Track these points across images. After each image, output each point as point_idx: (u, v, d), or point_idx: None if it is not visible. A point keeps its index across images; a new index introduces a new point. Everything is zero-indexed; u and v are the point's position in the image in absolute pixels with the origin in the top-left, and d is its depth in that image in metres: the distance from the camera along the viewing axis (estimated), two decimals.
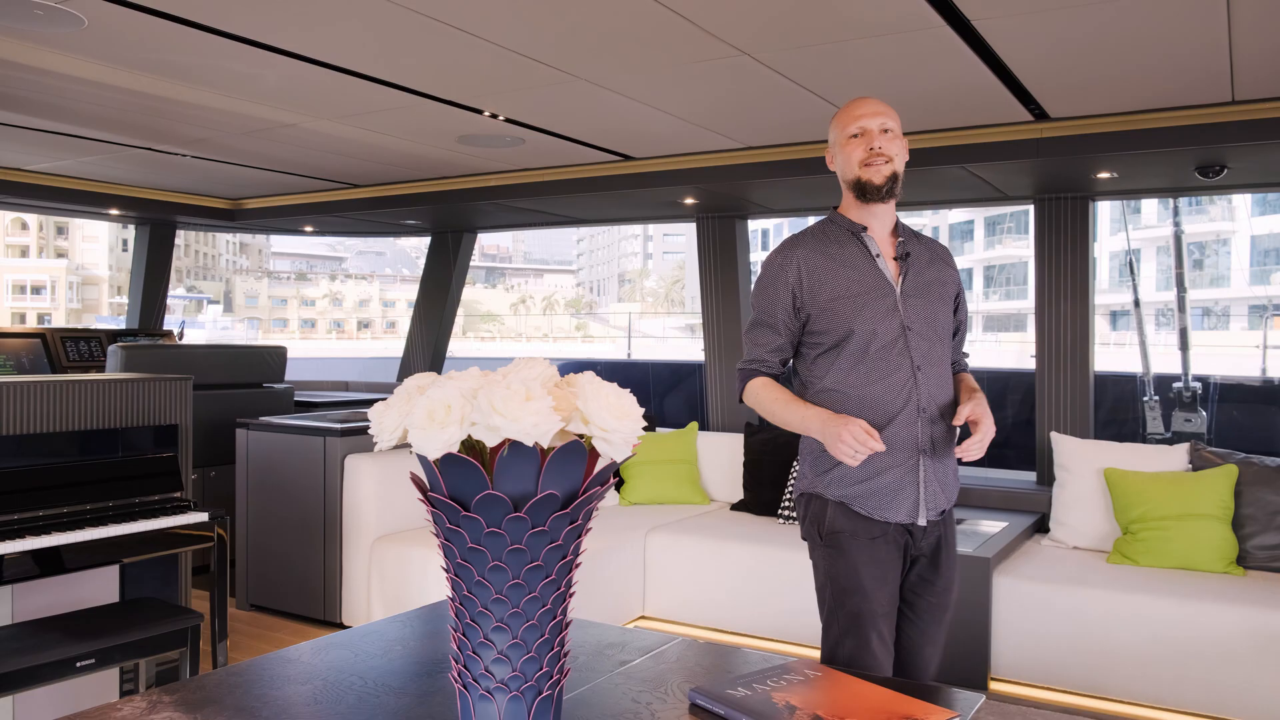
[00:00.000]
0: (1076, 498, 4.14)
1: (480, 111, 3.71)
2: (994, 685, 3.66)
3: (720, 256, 5.50)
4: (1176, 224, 5.90)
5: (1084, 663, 3.54)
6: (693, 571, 4.33)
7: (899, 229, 2.35)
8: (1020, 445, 5.47)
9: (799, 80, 3.19)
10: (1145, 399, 5.51)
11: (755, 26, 2.69)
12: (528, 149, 4.36)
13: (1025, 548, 4.11)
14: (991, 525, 4.23)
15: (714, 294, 5.54)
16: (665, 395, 7.14)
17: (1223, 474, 3.83)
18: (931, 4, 2.47)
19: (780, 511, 4.62)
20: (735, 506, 4.91)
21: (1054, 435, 4.35)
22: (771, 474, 4.79)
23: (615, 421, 1.30)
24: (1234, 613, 3.36)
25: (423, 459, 1.25)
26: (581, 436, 1.30)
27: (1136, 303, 5.87)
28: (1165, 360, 5.77)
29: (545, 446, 1.25)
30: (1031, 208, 4.67)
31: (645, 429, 5.09)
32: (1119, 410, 5.85)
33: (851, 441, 2.08)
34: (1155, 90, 3.26)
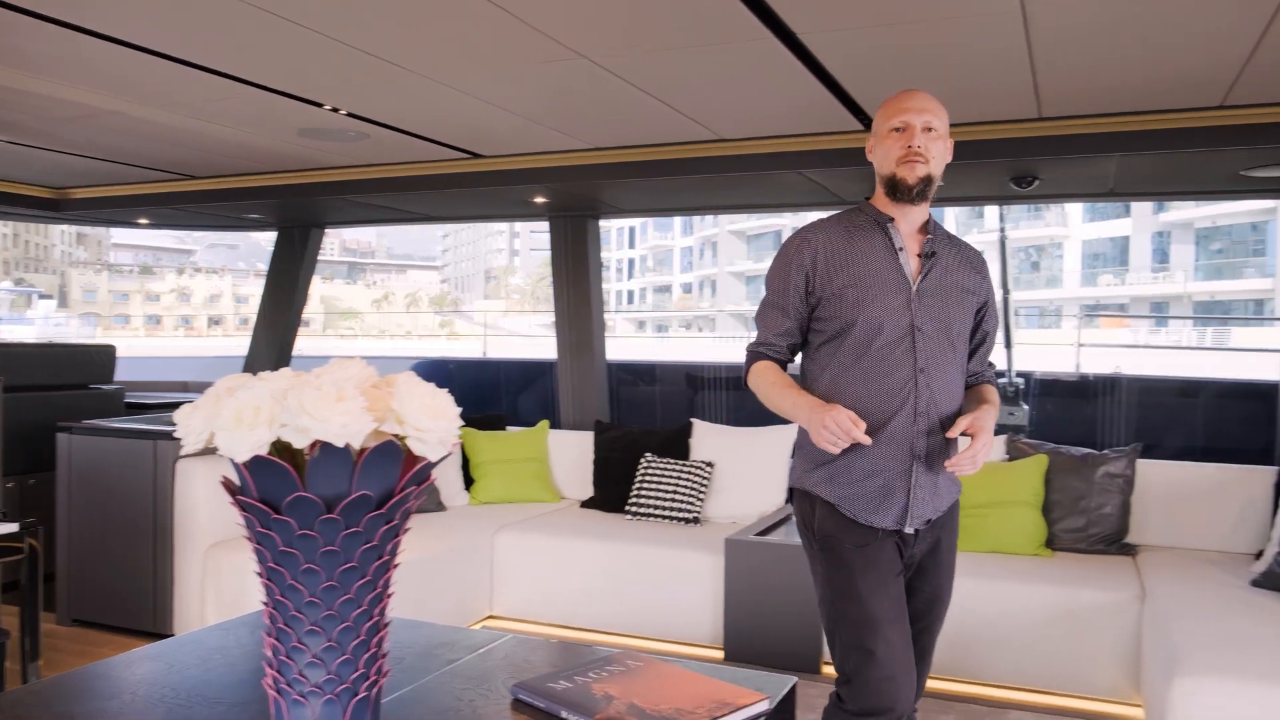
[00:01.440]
0: None
1: (320, 105, 3.63)
2: (826, 669, 3.83)
3: (572, 255, 5.53)
4: (1002, 230, 6.28)
5: None
6: (541, 569, 4.35)
7: (930, 227, 2.23)
8: None
9: (639, 85, 3.25)
10: None
11: (591, 31, 2.72)
12: (373, 144, 4.28)
13: None
14: None
15: (566, 292, 5.56)
16: (518, 394, 7.13)
17: (1034, 463, 4.12)
18: (760, 17, 2.56)
19: (628, 508, 4.69)
20: (585, 504, 4.96)
21: None
22: (621, 471, 4.86)
23: (430, 421, 1.31)
24: (1041, 591, 3.62)
25: (233, 462, 1.24)
26: (398, 437, 1.31)
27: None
28: (995, 357, 6.12)
29: (359, 447, 1.25)
30: None
31: (496, 428, 5.04)
32: None
33: (834, 428, 2.00)
34: (972, 106, 3.47)
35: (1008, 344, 5.89)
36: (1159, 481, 4.16)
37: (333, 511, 1.22)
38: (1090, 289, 35.42)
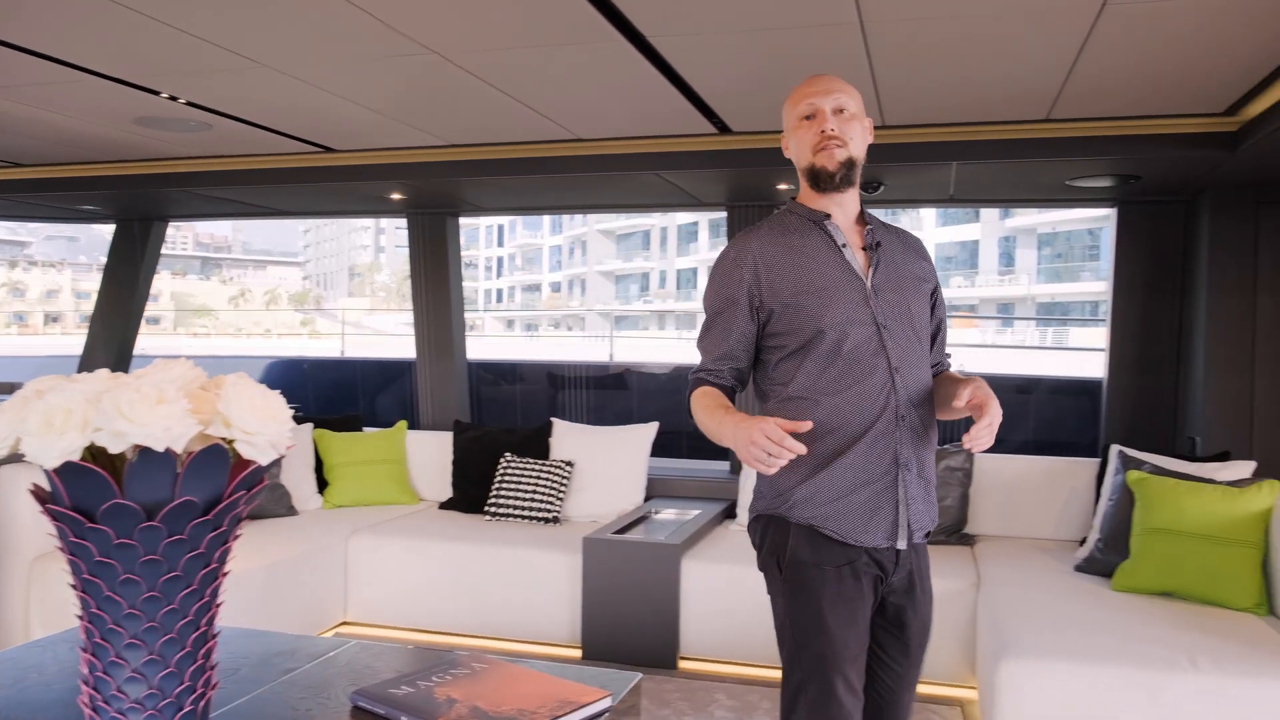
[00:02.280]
0: None
1: (157, 93, 3.46)
2: (683, 664, 3.90)
3: (431, 253, 5.45)
4: None
5: (764, 636, 3.84)
6: (397, 573, 4.27)
7: (865, 217, 2.09)
8: None
9: (493, 83, 3.23)
10: None
11: (440, 27, 2.68)
12: (217, 135, 4.10)
13: (715, 533, 4.39)
14: (685, 514, 4.49)
15: (425, 291, 5.48)
16: (377, 394, 6.98)
17: None
18: (609, 19, 2.58)
19: (487, 509, 4.65)
20: (444, 505, 4.89)
21: None
22: (480, 471, 4.82)
23: (259, 424, 1.28)
24: None
25: (44, 468, 1.17)
26: (225, 440, 1.27)
27: None
28: None
29: (182, 451, 1.20)
30: (712, 215, 5.00)
31: (351, 429, 4.91)
32: None
33: (764, 442, 1.74)
34: None
35: None
36: (996, 474, 4.40)
37: (154, 519, 1.17)
38: (944, 290, 37.15)
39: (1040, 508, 4.33)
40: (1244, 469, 3.66)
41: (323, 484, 4.91)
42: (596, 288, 48.65)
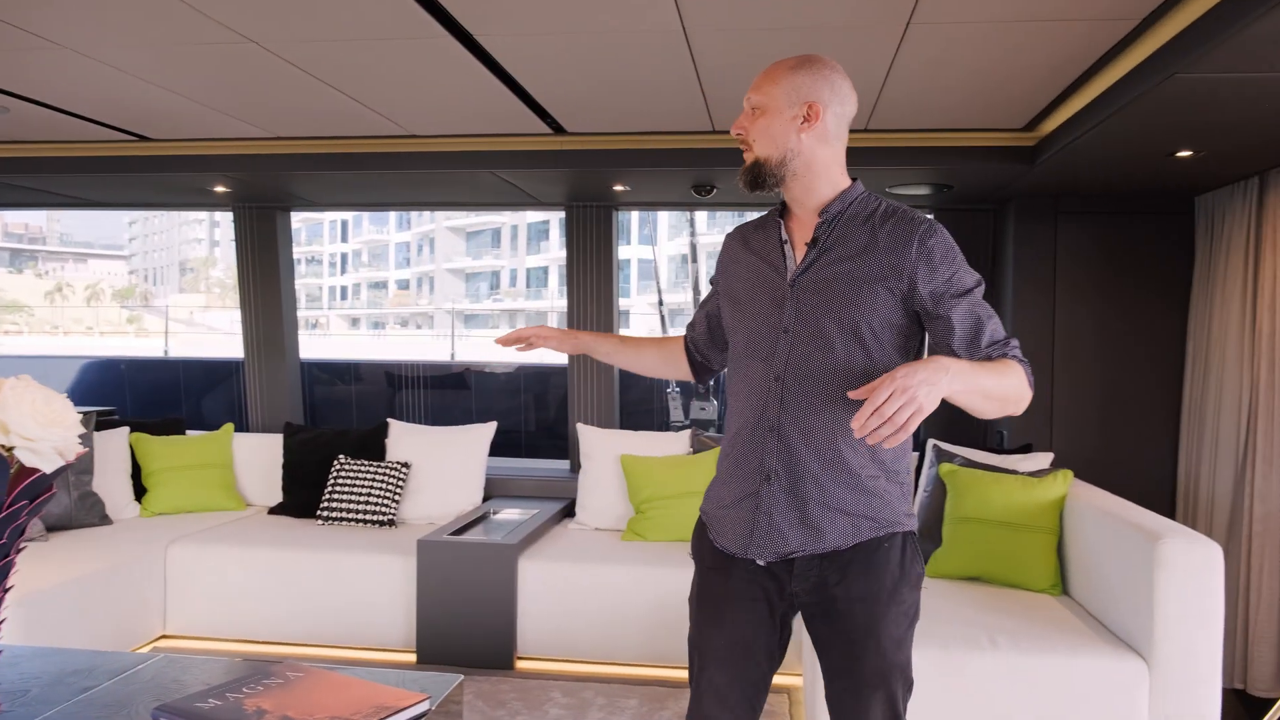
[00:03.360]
0: (597, 483, 4.53)
1: None
2: (520, 664, 3.89)
3: (260, 248, 5.24)
4: (692, 234, 6.67)
5: (602, 633, 3.89)
6: (222, 583, 4.09)
7: (828, 209, 1.89)
8: (562, 436, 5.86)
9: (318, 75, 3.14)
10: (669, 390, 6.17)
11: (253, 14, 2.58)
12: (16, 120, 3.82)
13: (553, 532, 4.41)
14: (524, 513, 4.49)
15: (254, 288, 5.26)
16: (203, 395, 6.66)
17: (713, 455, 4.41)
18: (434, 16, 2.55)
19: (319, 513, 4.52)
20: (274, 510, 4.71)
21: (580, 426, 4.71)
22: (313, 475, 4.67)
23: (41, 430, 1.21)
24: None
25: None
26: (4, 448, 1.20)
27: (660, 304, 6.56)
28: None
29: None
30: (562, 214, 5.02)
31: (173, 432, 4.67)
32: (646, 401, 6.49)
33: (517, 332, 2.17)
34: (655, 117, 3.66)
35: None
36: None
37: None
38: None
39: None
40: (1043, 460, 3.94)
41: (141, 491, 4.65)
42: (445, 286, 47.83)
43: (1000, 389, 1.74)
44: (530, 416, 5.95)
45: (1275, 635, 3.48)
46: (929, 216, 1.78)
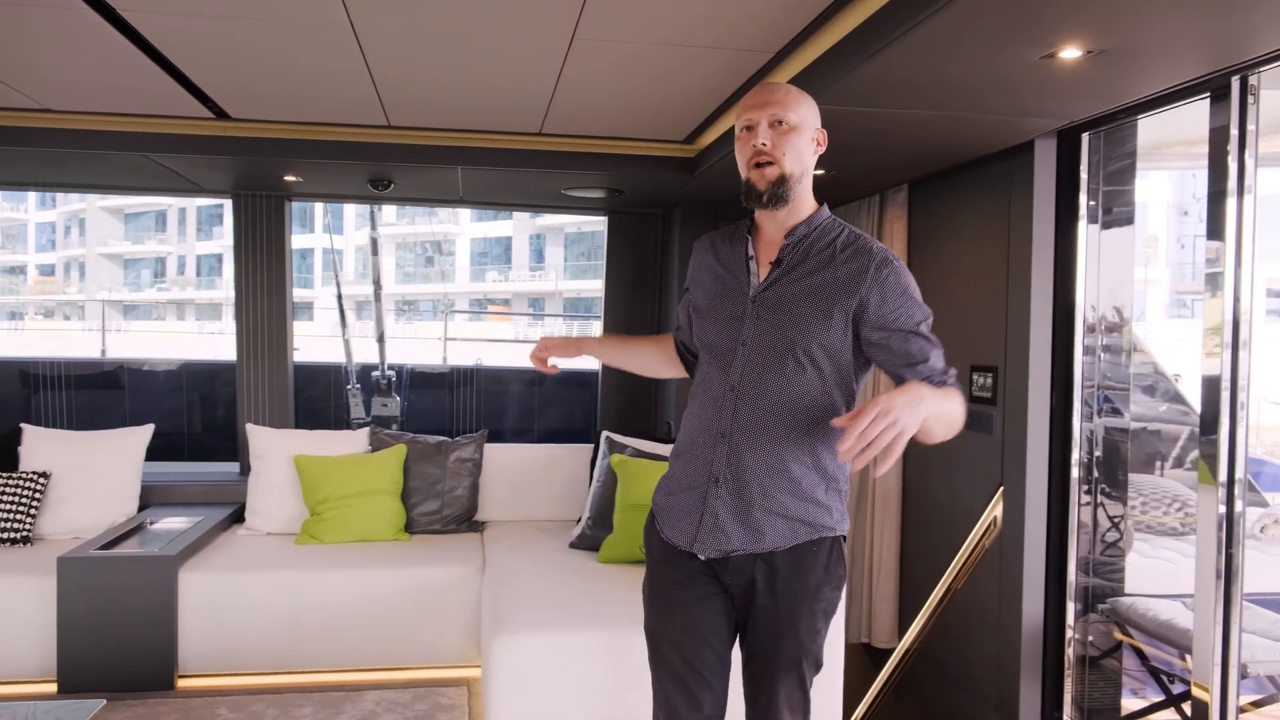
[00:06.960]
0: (270, 485, 4.33)
1: None
2: (182, 683, 3.65)
3: None
4: (373, 229, 6.50)
5: (274, 642, 3.73)
6: None
7: (795, 231, 2.02)
8: (232, 437, 5.51)
9: None
10: (349, 387, 5.98)
11: None
12: None
13: (220, 540, 4.16)
14: (188, 521, 4.20)
15: None
16: None
17: (394, 453, 4.37)
18: None
19: None
20: None
21: (250, 427, 4.48)
22: None
23: None
24: (397, 574, 3.86)
25: None
26: None
27: (339, 297, 6.34)
28: (368, 352, 6.31)
29: None
30: (230, 203, 4.73)
31: None
32: (327, 398, 6.25)
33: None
34: (326, 109, 3.55)
35: (380, 338, 6.14)
36: (503, 462, 4.67)
37: None
38: (480, 284, 38.16)
39: (543, 492, 4.69)
40: None
41: None
42: (100, 272, 43.01)
43: (958, 415, 1.91)
44: (196, 417, 5.54)
45: (893, 595, 4.00)
46: (887, 249, 1.98)
